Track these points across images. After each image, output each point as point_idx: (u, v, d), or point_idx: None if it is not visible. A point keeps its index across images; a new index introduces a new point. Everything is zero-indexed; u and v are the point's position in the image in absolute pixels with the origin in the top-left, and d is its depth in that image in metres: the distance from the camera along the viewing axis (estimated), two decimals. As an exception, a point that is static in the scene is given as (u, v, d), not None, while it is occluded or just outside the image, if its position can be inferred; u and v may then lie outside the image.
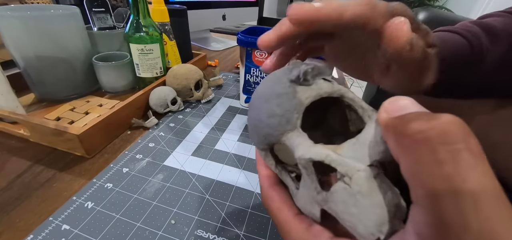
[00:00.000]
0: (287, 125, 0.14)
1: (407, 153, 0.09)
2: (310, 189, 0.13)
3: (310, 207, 0.14)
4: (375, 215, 0.10)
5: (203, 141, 0.40)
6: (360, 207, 0.11)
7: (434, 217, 0.08)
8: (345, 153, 0.13)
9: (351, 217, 0.11)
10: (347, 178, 0.11)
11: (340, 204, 0.11)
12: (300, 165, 0.13)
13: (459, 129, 0.08)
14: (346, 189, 0.11)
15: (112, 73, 0.48)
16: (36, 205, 0.27)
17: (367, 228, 0.11)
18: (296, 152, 0.13)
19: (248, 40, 0.43)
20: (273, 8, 2.95)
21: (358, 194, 0.11)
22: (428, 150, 0.08)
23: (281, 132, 0.14)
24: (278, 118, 0.14)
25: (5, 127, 0.37)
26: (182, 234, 0.26)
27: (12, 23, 0.38)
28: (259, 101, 0.16)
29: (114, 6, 0.56)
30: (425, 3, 2.37)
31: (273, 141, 0.15)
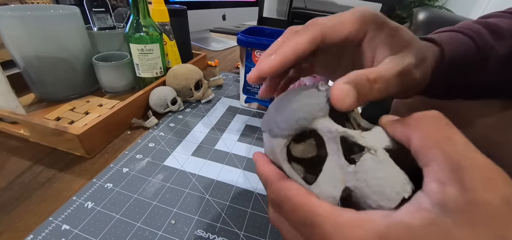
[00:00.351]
0: (320, 112, 0.16)
1: (417, 129, 0.13)
2: (339, 161, 0.15)
3: (332, 189, 0.15)
4: (399, 177, 0.13)
5: (203, 141, 0.40)
6: (386, 171, 0.13)
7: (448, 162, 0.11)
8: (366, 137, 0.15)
9: (380, 180, 0.13)
10: (373, 150, 0.14)
11: (369, 171, 0.13)
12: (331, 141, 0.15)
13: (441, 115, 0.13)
14: (373, 158, 0.13)
15: (112, 73, 0.48)
16: (36, 205, 0.27)
17: (393, 188, 0.12)
18: (331, 128, 0.15)
19: (248, 40, 0.43)
20: (273, 8, 2.95)
21: (383, 161, 0.13)
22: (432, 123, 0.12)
23: (314, 116, 0.16)
24: (312, 106, 0.16)
25: (5, 127, 0.37)
26: (182, 234, 0.26)
27: (12, 23, 0.38)
28: (289, 96, 0.18)
29: (114, 6, 0.56)
30: (425, 3, 2.37)
31: (305, 125, 0.16)
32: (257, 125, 0.46)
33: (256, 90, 0.48)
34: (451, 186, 0.10)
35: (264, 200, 0.30)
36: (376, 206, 0.13)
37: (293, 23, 2.48)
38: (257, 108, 0.51)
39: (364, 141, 0.14)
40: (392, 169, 0.13)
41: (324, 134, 0.16)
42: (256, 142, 0.41)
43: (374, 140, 0.14)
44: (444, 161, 0.11)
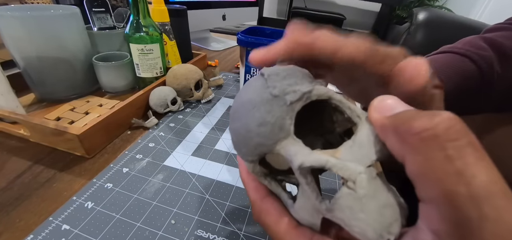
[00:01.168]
0: (280, 133, 0.13)
1: (415, 152, 0.09)
2: (310, 198, 0.12)
3: (310, 217, 0.13)
4: (383, 217, 0.10)
5: (203, 141, 0.40)
6: (367, 211, 0.10)
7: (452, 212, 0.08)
8: (344, 156, 0.12)
9: (360, 222, 0.11)
10: (351, 182, 0.11)
11: (347, 210, 0.11)
12: (298, 174, 0.12)
13: (460, 124, 0.08)
14: (351, 194, 0.11)
15: (112, 73, 0.48)
16: (36, 205, 0.27)
17: (377, 231, 0.10)
18: (294, 161, 0.12)
19: (248, 40, 0.43)
20: (273, 8, 2.95)
21: (364, 198, 0.11)
22: (438, 147, 0.08)
23: (274, 141, 0.13)
24: (270, 126, 0.13)
25: (5, 127, 0.37)
26: (182, 234, 0.26)
27: (12, 23, 0.38)
28: (245, 109, 0.14)
29: (114, 6, 0.56)
30: (425, 3, 2.37)
31: (265, 151, 0.13)
32: (257, 125, 0.46)
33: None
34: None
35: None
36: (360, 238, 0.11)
37: (293, 23, 2.47)
38: (257, 108, 0.51)
39: (340, 168, 0.11)
40: (374, 206, 0.10)
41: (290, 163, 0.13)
42: (256, 142, 0.41)
43: (356, 158, 0.12)
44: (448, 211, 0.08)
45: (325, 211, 0.12)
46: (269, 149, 0.13)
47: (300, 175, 0.12)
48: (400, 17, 2.30)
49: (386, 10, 2.47)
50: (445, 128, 0.08)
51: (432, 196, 0.09)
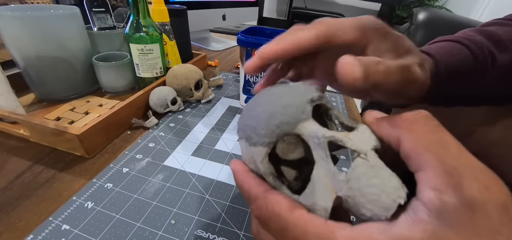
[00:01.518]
0: (302, 115, 0.15)
1: (408, 131, 0.12)
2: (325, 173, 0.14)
3: (322, 200, 0.13)
4: (392, 182, 0.12)
5: (203, 141, 0.40)
6: (379, 177, 0.12)
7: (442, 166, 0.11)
8: (353, 138, 0.14)
9: (374, 188, 0.12)
10: (363, 154, 0.13)
11: (363, 177, 0.12)
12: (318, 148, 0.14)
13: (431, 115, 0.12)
14: (365, 163, 0.13)
15: (112, 73, 0.48)
16: (36, 205, 0.27)
17: (390, 195, 0.12)
18: (318, 134, 0.14)
19: (248, 40, 0.43)
20: (273, 8, 2.95)
21: (375, 166, 0.12)
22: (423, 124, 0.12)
23: (297, 120, 0.15)
24: (294, 108, 0.15)
25: (5, 127, 0.37)
26: (182, 234, 0.26)
27: (12, 23, 0.38)
28: (270, 98, 0.16)
29: (114, 6, 0.56)
30: (425, 3, 2.37)
31: (287, 130, 0.15)
32: (257, 125, 0.46)
33: (256, 90, 0.48)
34: (449, 195, 0.10)
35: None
36: (370, 215, 0.12)
37: (293, 23, 2.48)
38: (257, 108, 0.51)
39: (352, 144, 0.13)
40: (385, 173, 0.12)
41: (310, 140, 0.14)
42: (256, 142, 0.41)
43: (362, 141, 0.14)
44: (440, 167, 0.11)
45: (343, 182, 0.13)
46: (291, 128, 0.15)
47: (320, 149, 0.14)
48: (400, 17, 2.30)
49: (386, 10, 2.47)
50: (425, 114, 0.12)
51: (426, 160, 0.11)
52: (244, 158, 0.17)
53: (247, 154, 0.16)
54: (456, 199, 0.10)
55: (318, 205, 0.13)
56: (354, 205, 0.13)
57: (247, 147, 0.16)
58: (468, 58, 0.22)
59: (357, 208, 0.12)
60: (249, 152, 0.16)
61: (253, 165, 0.16)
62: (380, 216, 0.12)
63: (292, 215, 0.13)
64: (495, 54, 0.23)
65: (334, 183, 0.13)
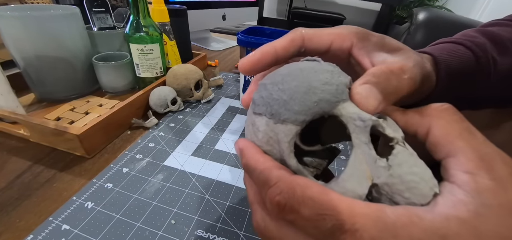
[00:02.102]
0: (342, 95, 0.13)
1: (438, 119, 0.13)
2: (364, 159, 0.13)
3: (358, 186, 0.12)
4: (428, 172, 0.12)
5: (203, 141, 0.40)
6: (419, 166, 0.12)
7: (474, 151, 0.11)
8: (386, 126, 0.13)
9: (414, 175, 0.12)
10: (401, 142, 0.13)
11: (404, 164, 0.12)
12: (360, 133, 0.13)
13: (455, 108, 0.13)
14: (405, 151, 0.12)
15: (112, 73, 0.48)
16: (36, 205, 0.27)
17: (427, 183, 0.11)
18: (361, 116, 0.13)
19: (248, 40, 0.43)
20: (273, 8, 2.95)
21: (414, 154, 0.12)
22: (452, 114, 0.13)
23: (338, 100, 0.13)
24: (335, 86, 0.13)
25: (5, 127, 0.37)
26: (182, 234, 0.26)
27: (12, 23, 0.38)
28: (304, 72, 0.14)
29: (114, 6, 0.56)
30: (425, 3, 2.37)
31: (326, 108, 0.13)
32: (257, 125, 0.46)
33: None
34: (482, 177, 0.11)
35: (264, 200, 0.30)
36: (405, 203, 0.12)
37: (293, 23, 2.48)
38: (257, 108, 0.51)
39: (390, 132, 0.13)
40: (421, 162, 0.12)
41: (351, 122, 0.13)
42: (256, 142, 0.41)
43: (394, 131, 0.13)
44: (471, 152, 0.11)
45: (384, 168, 0.12)
46: (331, 107, 0.13)
47: (363, 133, 0.13)
48: (400, 17, 2.30)
49: (386, 10, 2.47)
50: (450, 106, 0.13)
51: (458, 147, 0.12)
52: (255, 137, 0.15)
53: (266, 134, 0.14)
54: (490, 180, 0.10)
55: (352, 193, 0.12)
56: (390, 193, 0.12)
57: (270, 124, 0.14)
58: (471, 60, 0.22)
59: (392, 196, 0.12)
60: (271, 130, 0.14)
61: (269, 147, 0.14)
62: (416, 204, 0.12)
63: (330, 198, 0.11)
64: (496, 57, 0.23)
65: (373, 170, 0.12)
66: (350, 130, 0.13)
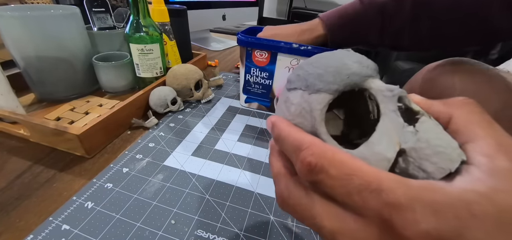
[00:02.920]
0: (373, 72, 0.15)
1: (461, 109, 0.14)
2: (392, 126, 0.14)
3: (386, 150, 0.13)
4: (454, 141, 0.13)
5: (203, 141, 0.40)
6: (445, 134, 0.13)
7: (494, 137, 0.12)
8: None
9: (442, 141, 0.12)
10: (426, 115, 0.14)
11: (431, 131, 0.13)
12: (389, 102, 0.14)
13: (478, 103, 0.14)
14: (431, 120, 0.13)
15: (112, 73, 0.48)
16: (36, 205, 0.27)
17: (455, 150, 0.12)
18: (390, 87, 0.14)
19: (248, 40, 0.43)
20: (273, 8, 2.95)
21: (439, 125, 0.13)
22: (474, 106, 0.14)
23: (368, 75, 0.15)
24: (365, 63, 0.15)
25: (5, 127, 0.37)
26: (182, 234, 0.26)
27: (12, 23, 0.38)
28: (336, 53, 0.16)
29: (114, 6, 0.56)
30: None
31: (358, 81, 0.15)
32: (257, 125, 0.46)
33: (256, 90, 0.48)
34: (499, 159, 0.11)
35: (264, 200, 0.30)
36: (433, 169, 0.12)
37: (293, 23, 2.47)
38: (257, 108, 0.51)
39: (416, 107, 0.14)
40: (447, 134, 0.13)
41: (379, 94, 0.14)
42: (256, 142, 0.41)
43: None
44: (490, 139, 0.12)
45: (412, 133, 0.13)
46: (362, 80, 0.15)
47: (391, 102, 0.14)
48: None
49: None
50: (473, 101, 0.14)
51: (477, 133, 0.12)
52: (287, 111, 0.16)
53: (299, 105, 0.15)
54: (508, 161, 0.11)
55: (380, 155, 0.13)
56: (418, 159, 0.13)
57: (305, 95, 0.15)
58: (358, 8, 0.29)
59: (420, 162, 0.12)
60: (304, 101, 0.15)
61: (300, 119, 0.15)
62: (444, 170, 0.12)
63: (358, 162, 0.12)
64: None
65: (400, 136, 0.13)
66: (378, 101, 0.14)
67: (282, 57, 0.42)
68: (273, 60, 0.43)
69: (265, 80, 0.46)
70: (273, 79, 0.45)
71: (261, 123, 0.46)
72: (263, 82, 0.46)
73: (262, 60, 0.44)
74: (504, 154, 0.11)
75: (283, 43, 0.41)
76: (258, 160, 0.37)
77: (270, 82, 0.46)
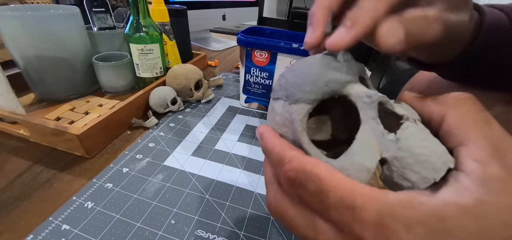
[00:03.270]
0: (352, 77, 0.15)
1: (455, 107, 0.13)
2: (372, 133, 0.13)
3: (366, 160, 0.13)
4: (441, 147, 0.12)
5: (203, 141, 0.40)
6: (430, 141, 0.12)
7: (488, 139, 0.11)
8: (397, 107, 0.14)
9: (425, 149, 0.12)
10: (412, 119, 0.13)
11: (414, 138, 0.12)
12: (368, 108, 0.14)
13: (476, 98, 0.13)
14: (415, 126, 0.12)
15: (112, 73, 0.48)
16: (36, 205, 0.27)
17: (440, 158, 0.11)
18: (368, 93, 0.14)
19: (248, 40, 0.43)
20: (273, 8, 2.95)
21: (425, 130, 0.12)
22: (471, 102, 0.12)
23: (347, 81, 0.15)
24: (345, 70, 0.15)
25: (5, 127, 0.37)
26: (182, 234, 0.26)
27: (12, 23, 0.38)
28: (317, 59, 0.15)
29: (114, 6, 0.56)
30: (425, 3, 2.36)
31: (336, 88, 0.14)
32: (257, 125, 0.46)
33: (256, 90, 0.48)
34: (492, 166, 0.10)
35: (264, 200, 0.30)
36: (416, 179, 0.12)
37: (293, 23, 2.48)
38: (257, 108, 0.51)
39: (401, 110, 0.13)
40: (433, 138, 0.12)
41: (359, 100, 0.14)
42: (256, 142, 0.41)
43: (407, 111, 0.13)
44: (484, 141, 0.11)
45: (392, 141, 0.12)
46: (341, 87, 0.14)
47: (370, 108, 0.13)
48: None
49: (386, 10, 2.46)
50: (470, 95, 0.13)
51: (470, 135, 0.11)
52: (273, 121, 0.16)
53: (282, 115, 0.16)
54: (501, 170, 0.10)
55: (361, 166, 0.13)
56: (400, 168, 0.12)
57: (286, 106, 0.15)
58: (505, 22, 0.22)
59: (403, 171, 0.12)
60: (286, 111, 0.15)
61: (285, 129, 0.15)
62: (428, 179, 0.11)
63: (335, 177, 0.12)
64: None
65: (381, 144, 0.13)
66: (358, 108, 0.14)
67: (282, 57, 0.42)
68: (273, 60, 0.43)
69: (265, 80, 0.46)
70: (273, 79, 0.45)
71: (261, 123, 0.46)
72: (263, 82, 0.46)
73: (262, 60, 0.44)
74: (499, 159, 0.10)
75: (283, 43, 0.41)
76: (258, 160, 0.37)
77: (270, 82, 0.46)
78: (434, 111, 0.13)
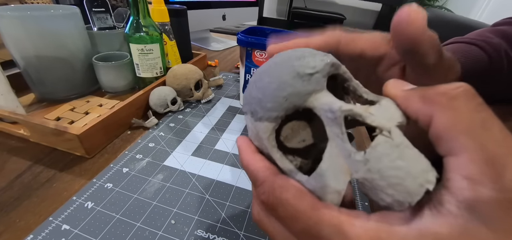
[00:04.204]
0: (316, 85, 0.13)
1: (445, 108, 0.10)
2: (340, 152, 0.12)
3: (335, 183, 0.12)
4: (420, 164, 0.10)
5: (203, 141, 0.40)
6: (405, 158, 0.10)
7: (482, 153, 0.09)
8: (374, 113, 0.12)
9: (398, 170, 0.10)
10: (386, 132, 0.11)
11: (385, 158, 0.10)
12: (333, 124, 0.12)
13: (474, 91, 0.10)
14: (388, 141, 0.11)
15: (112, 73, 0.48)
16: (36, 205, 0.27)
17: (416, 179, 0.10)
18: (332, 107, 0.12)
19: (248, 40, 0.43)
20: (273, 8, 2.95)
21: (401, 145, 0.10)
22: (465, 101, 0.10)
23: (309, 91, 0.13)
24: (306, 77, 0.13)
25: (5, 127, 0.37)
26: (182, 234, 0.26)
27: (12, 23, 0.38)
28: (279, 66, 0.14)
29: (114, 6, 0.56)
30: (425, 3, 2.37)
31: (297, 102, 0.13)
32: (257, 125, 0.46)
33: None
34: (485, 186, 0.08)
35: (264, 200, 0.30)
36: (390, 201, 0.10)
37: (293, 23, 2.48)
38: (257, 108, 0.51)
39: (373, 120, 0.12)
40: (411, 154, 0.10)
41: (323, 114, 0.12)
42: (256, 142, 0.41)
43: (385, 117, 0.12)
44: (478, 152, 0.09)
45: (361, 162, 0.11)
46: (302, 100, 0.13)
47: (335, 124, 0.12)
48: (400, 17, 2.30)
49: (386, 10, 2.47)
50: (466, 88, 0.10)
51: (462, 144, 0.09)
52: (250, 134, 0.16)
53: (253, 131, 0.15)
54: (495, 191, 0.08)
55: (330, 188, 0.12)
56: (372, 189, 0.11)
57: (252, 122, 0.14)
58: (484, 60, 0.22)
59: (376, 192, 0.11)
60: (254, 128, 0.14)
61: (258, 143, 0.15)
62: (403, 203, 0.10)
63: (302, 203, 0.12)
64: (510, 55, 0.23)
65: (350, 164, 0.12)
66: (324, 122, 0.13)
67: (282, 57, 0.42)
68: (273, 60, 0.43)
69: (265, 80, 0.46)
70: (273, 79, 0.45)
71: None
72: (263, 82, 0.46)
73: (262, 60, 0.44)
74: (494, 178, 0.08)
75: (283, 43, 0.41)
76: (258, 160, 0.37)
77: (270, 82, 0.46)
78: (420, 111, 0.11)
